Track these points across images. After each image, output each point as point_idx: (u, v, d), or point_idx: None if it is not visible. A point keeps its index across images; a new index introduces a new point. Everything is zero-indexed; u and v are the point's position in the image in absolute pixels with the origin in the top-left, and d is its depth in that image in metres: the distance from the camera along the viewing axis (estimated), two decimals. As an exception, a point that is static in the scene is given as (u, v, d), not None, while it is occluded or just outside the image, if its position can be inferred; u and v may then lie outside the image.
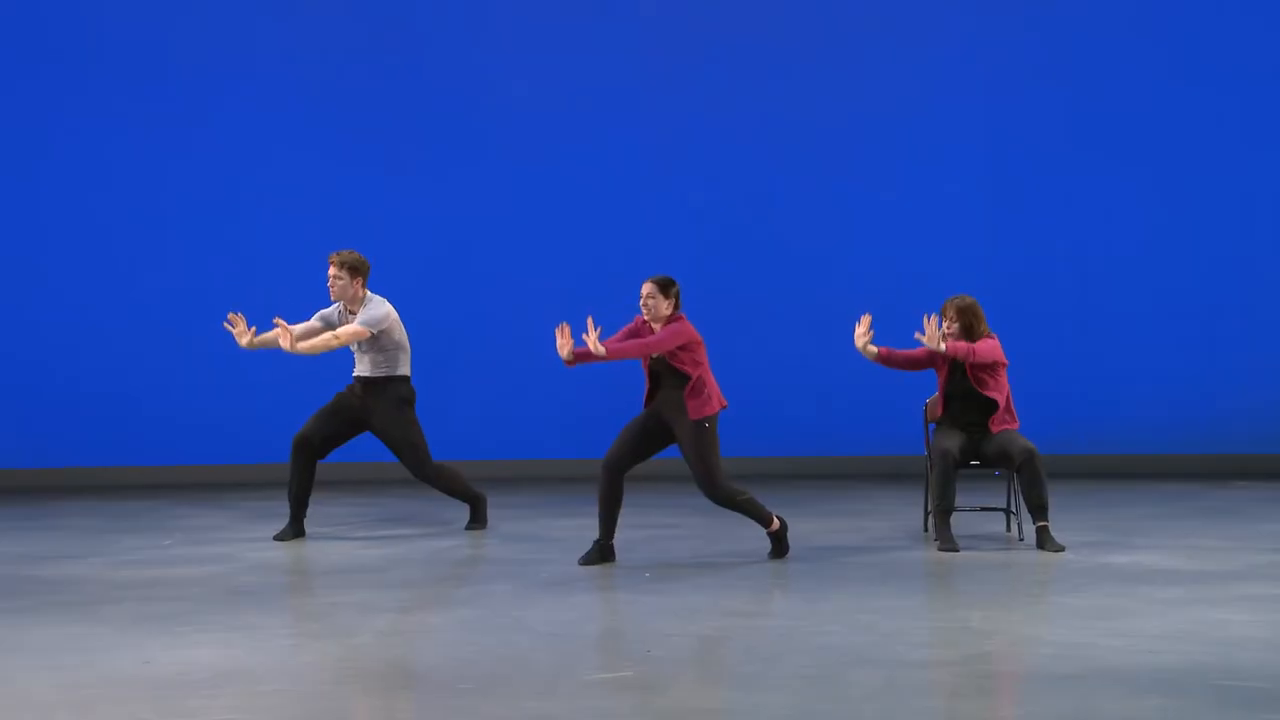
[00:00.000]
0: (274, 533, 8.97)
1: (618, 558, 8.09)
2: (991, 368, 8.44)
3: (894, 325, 11.86)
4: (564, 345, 7.83)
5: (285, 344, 8.67)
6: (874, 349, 8.46)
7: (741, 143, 12.25)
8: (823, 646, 6.06)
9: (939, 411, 8.63)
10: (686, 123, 12.27)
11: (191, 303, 11.82)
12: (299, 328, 8.83)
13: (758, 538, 8.56)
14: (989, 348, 8.39)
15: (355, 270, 8.80)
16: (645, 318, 8.02)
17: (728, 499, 8.07)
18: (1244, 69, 12.11)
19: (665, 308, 7.97)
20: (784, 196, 12.24)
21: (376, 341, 8.81)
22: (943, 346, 8.27)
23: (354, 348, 8.90)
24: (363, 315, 8.75)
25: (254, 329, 8.77)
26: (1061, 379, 11.78)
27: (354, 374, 8.98)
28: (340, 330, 8.75)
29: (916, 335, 8.33)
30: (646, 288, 8.00)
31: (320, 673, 5.84)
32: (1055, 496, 8.71)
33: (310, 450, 8.92)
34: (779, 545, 8.19)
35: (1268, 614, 6.64)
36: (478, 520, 9.19)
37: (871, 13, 12.28)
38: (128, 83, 12.03)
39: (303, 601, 7.50)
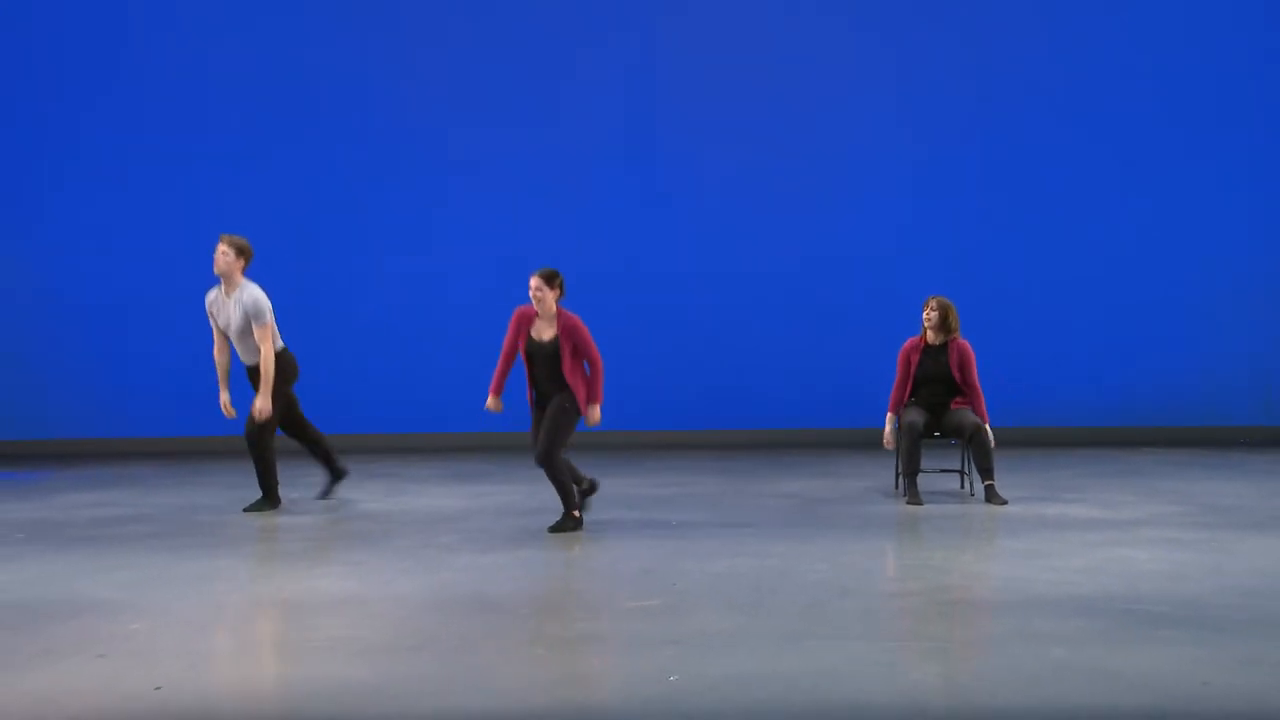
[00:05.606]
0: (370, 493, 8.87)
1: (647, 514, 8.01)
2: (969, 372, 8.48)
3: (871, 323, 11.83)
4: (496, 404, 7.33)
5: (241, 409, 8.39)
6: (891, 416, 8.43)
7: (745, 143, 11.84)
8: (814, 581, 6.04)
9: (907, 393, 8.54)
10: (691, 120, 11.81)
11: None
12: (221, 358, 8.28)
13: (761, 494, 8.54)
14: (968, 361, 8.39)
15: (241, 252, 8.08)
16: (535, 309, 7.23)
17: (551, 469, 7.27)
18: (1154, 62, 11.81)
19: (552, 298, 7.19)
20: (776, 201, 11.87)
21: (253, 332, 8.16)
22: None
23: (230, 337, 8.21)
24: (252, 309, 8.05)
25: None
26: (1011, 368, 11.67)
27: (246, 365, 8.29)
28: (263, 350, 8.05)
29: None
30: (534, 281, 7.18)
31: (415, 599, 5.84)
32: (1001, 460, 8.72)
33: (302, 437, 8.60)
34: (571, 522, 7.42)
35: (1165, 553, 6.64)
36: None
37: (864, 23, 11.88)
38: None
39: (400, 544, 7.38)
